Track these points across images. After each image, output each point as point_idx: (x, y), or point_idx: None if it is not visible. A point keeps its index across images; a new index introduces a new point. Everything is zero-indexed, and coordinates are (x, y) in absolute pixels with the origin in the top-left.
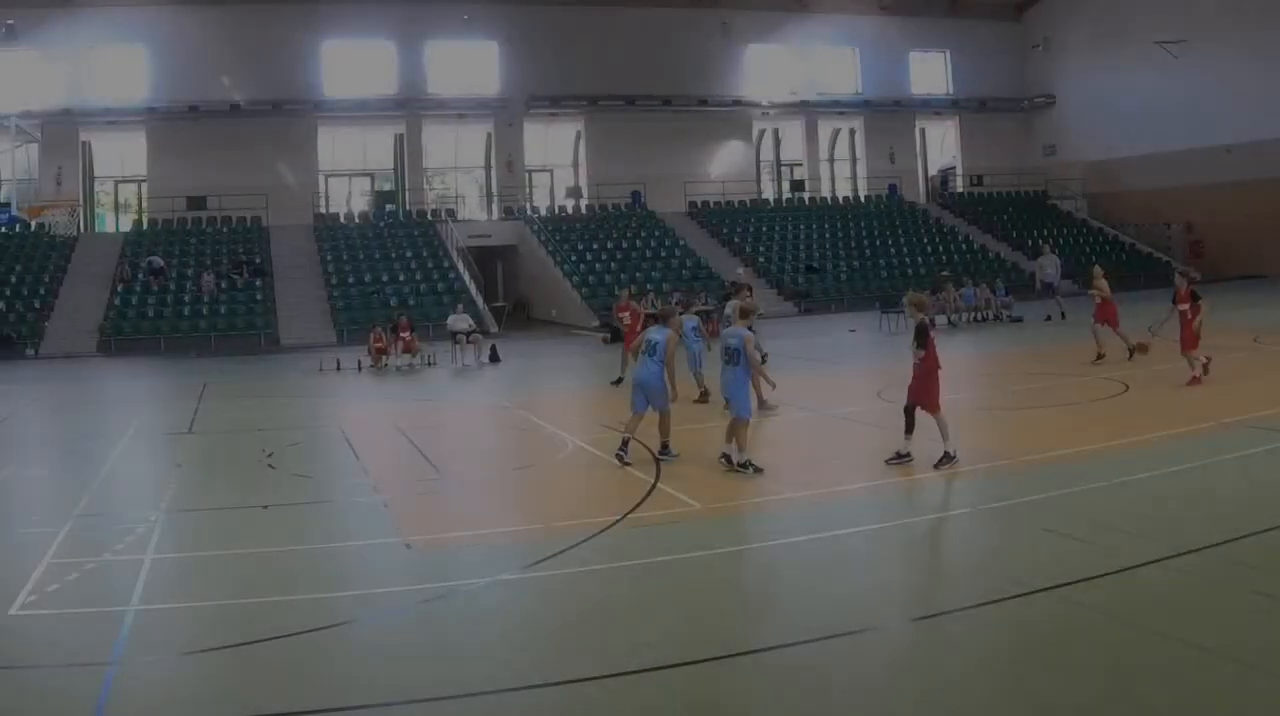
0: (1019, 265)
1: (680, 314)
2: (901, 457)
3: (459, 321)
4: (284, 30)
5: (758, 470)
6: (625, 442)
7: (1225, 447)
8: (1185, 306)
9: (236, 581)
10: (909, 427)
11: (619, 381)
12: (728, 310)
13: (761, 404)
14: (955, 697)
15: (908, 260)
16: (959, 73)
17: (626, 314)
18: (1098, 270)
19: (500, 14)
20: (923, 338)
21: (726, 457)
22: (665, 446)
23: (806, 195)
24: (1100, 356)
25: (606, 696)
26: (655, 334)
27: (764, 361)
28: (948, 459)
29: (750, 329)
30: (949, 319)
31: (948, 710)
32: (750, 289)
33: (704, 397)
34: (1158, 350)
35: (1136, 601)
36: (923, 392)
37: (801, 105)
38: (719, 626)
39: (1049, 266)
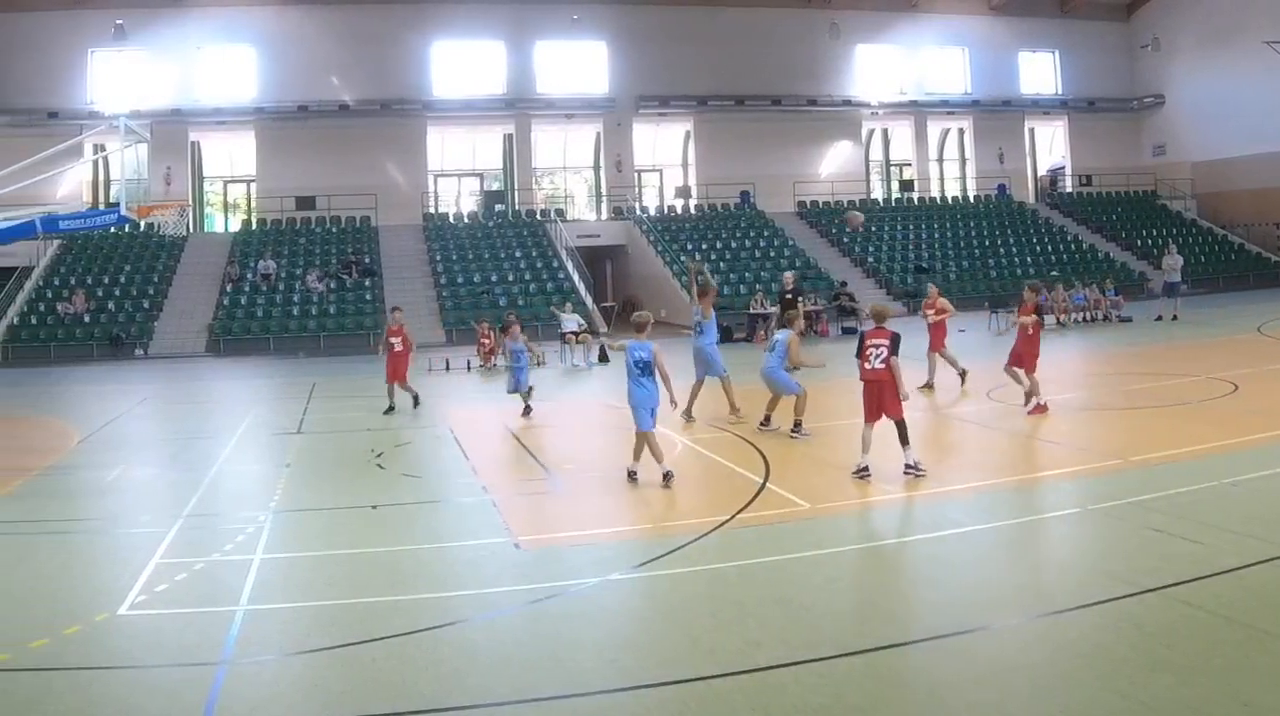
0: (1128, 265)
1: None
2: (917, 471)
3: (568, 322)
4: (393, 30)
5: (665, 476)
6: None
7: None
8: (1028, 319)
9: (345, 581)
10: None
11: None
12: (779, 337)
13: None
14: (1065, 697)
15: (1017, 260)
16: (1068, 72)
17: (398, 340)
18: (934, 289)
19: (609, 14)
20: (895, 346)
21: (631, 474)
22: (798, 423)
23: (916, 195)
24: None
25: (715, 696)
26: (779, 335)
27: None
28: (863, 471)
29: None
30: (1058, 319)
31: (1058, 709)
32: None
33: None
34: (1255, 352)
35: (1246, 601)
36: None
37: (911, 105)
38: (829, 626)
39: (1175, 266)
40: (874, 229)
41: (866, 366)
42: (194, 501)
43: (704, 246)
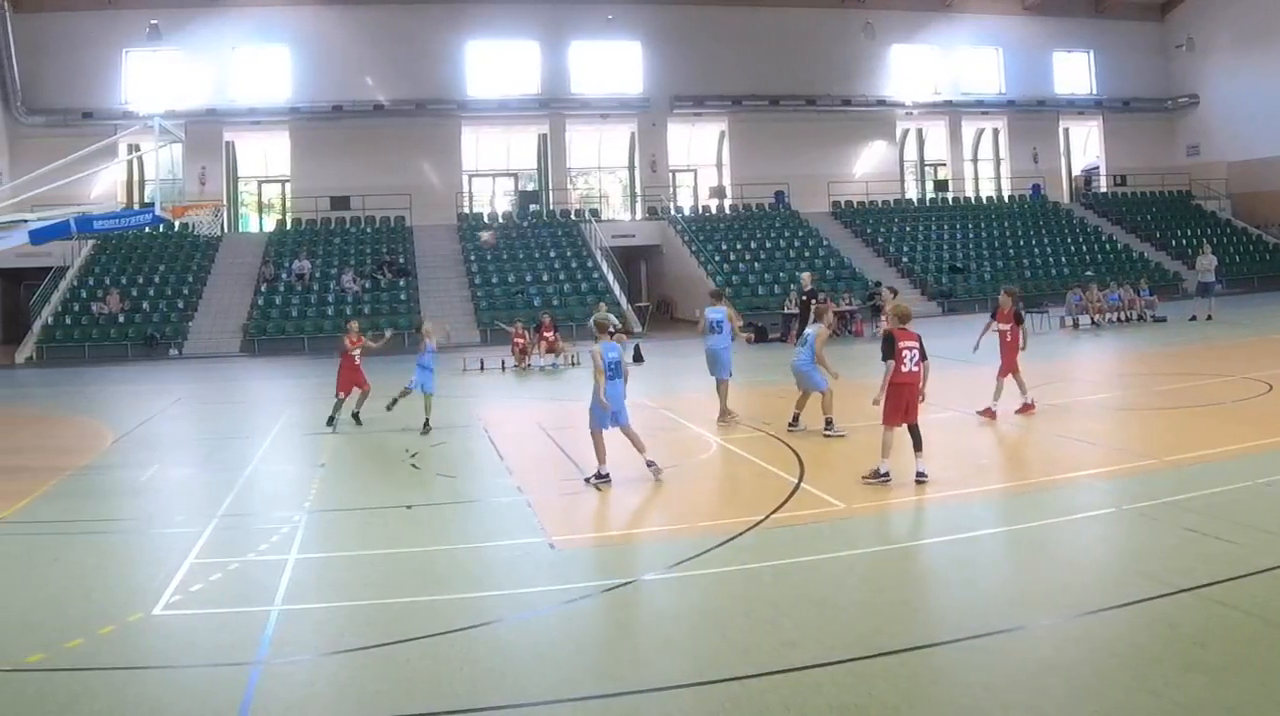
0: (1163, 265)
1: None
2: (921, 477)
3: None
4: (428, 30)
5: (601, 478)
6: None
7: None
8: (1006, 326)
9: (380, 581)
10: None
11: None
12: (809, 331)
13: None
14: (1099, 697)
15: (1051, 260)
16: (1102, 73)
17: (358, 351)
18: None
19: (643, 14)
20: (889, 349)
21: (650, 464)
22: (829, 422)
23: (950, 195)
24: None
25: (749, 696)
26: (808, 330)
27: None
28: (877, 476)
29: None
30: (1092, 319)
31: (1092, 710)
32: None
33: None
34: None
35: None
36: (886, 400)
37: (945, 105)
38: (864, 626)
39: (1209, 266)
40: (908, 229)
41: (904, 368)
42: (229, 501)
43: (738, 246)
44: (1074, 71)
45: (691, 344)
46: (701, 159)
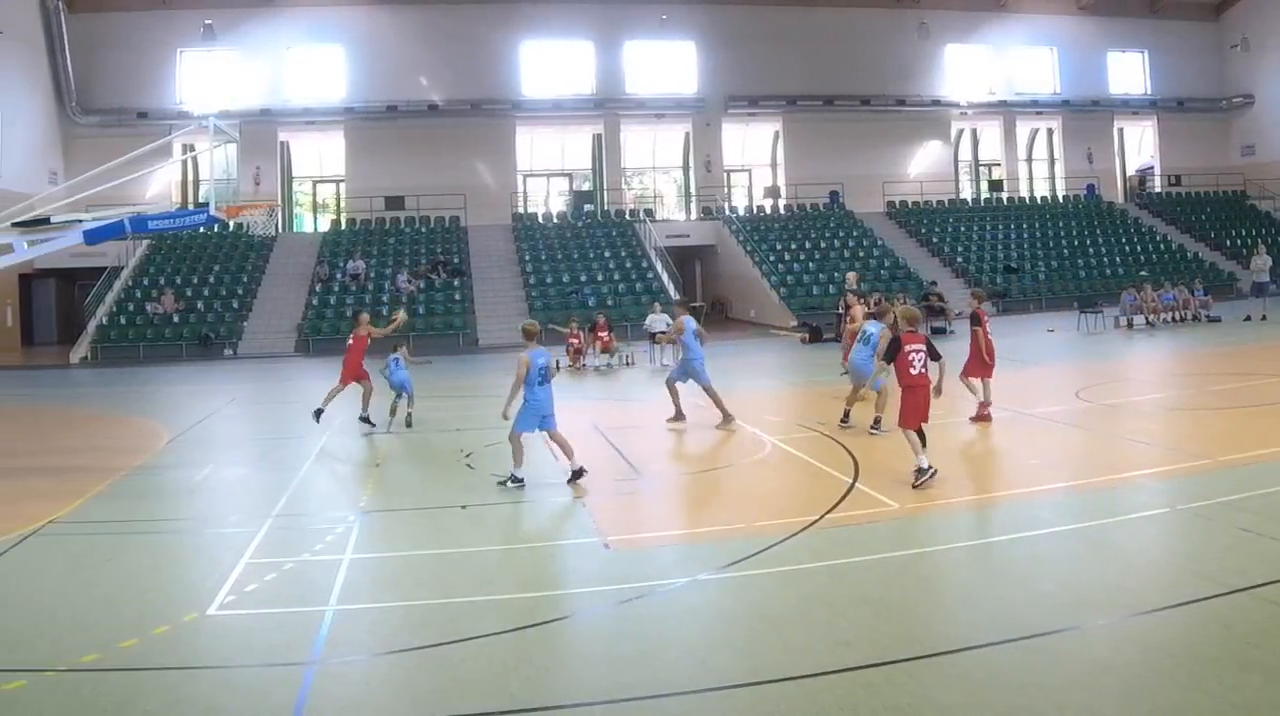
0: (1217, 265)
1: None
2: (925, 473)
3: (657, 322)
4: (482, 30)
5: (516, 481)
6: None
7: None
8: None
9: (434, 582)
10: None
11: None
12: (871, 328)
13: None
14: (1155, 697)
15: (1106, 260)
16: (1157, 72)
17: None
18: (852, 299)
19: (698, 14)
20: (893, 353)
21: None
22: (877, 420)
23: (1005, 195)
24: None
25: (805, 696)
26: (872, 327)
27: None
28: (921, 473)
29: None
30: (1147, 319)
31: (1147, 710)
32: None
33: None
34: None
35: None
36: (901, 406)
37: (1000, 105)
38: (918, 626)
39: (1264, 266)
40: (963, 229)
41: (912, 372)
42: (283, 501)
43: (793, 246)
44: (1128, 71)
45: (747, 344)
46: (756, 159)
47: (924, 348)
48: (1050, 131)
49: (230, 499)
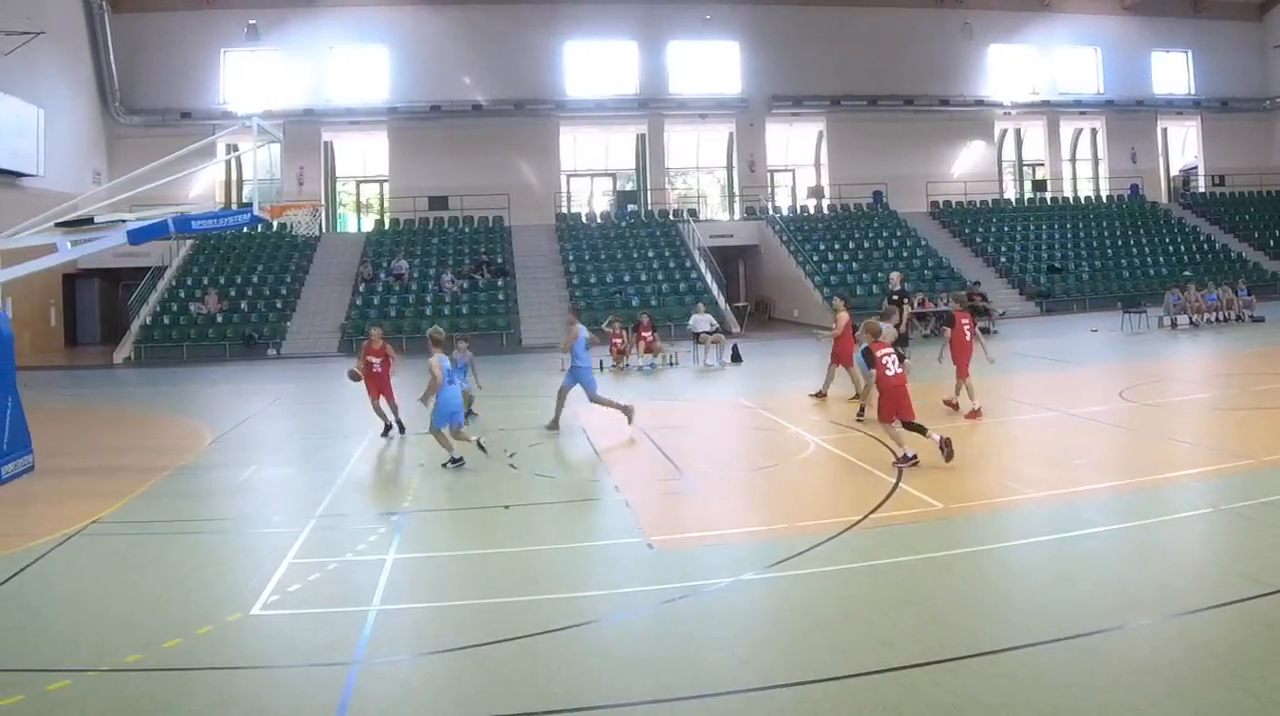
0: (1261, 265)
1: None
2: (908, 460)
3: (700, 321)
4: (525, 30)
5: (455, 462)
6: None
7: None
8: (965, 327)
9: (478, 582)
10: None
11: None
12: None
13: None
14: (1198, 697)
15: (1150, 260)
16: (1201, 72)
17: (379, 360)
18: (839, 302)
19: (741, 14)
20: (869, 361)
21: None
22: (863, 409)
23: (1048, 195)
24: (821, 394)
25: (848, 695)
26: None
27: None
28: (905, 460)
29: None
30: (1190, 319)
31: (1191, 710)
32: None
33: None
34: None
35: None
36: (881, 405)
37: (1043, 105)
38: (961, 626)
39: None
40: (1006, 229)
41: (888, 373)
42: (327, 501)
43: (836, 246)
44: (1172, 71)
45: (790, 344)
46: (799, 159)
47: (892, 351)
48: (1094, 131)
49: (274, 499)
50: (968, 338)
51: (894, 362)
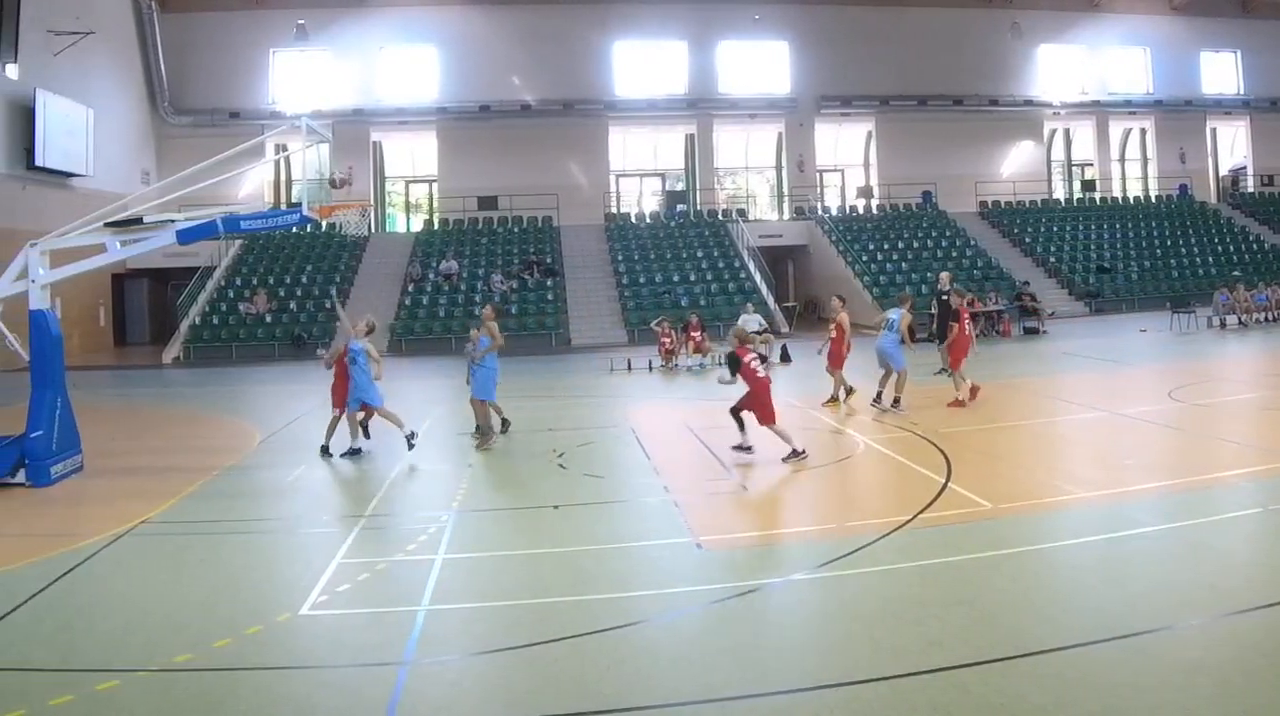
0: None
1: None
2: (744, 449)
3: (750, 321)
4: (575, 30)
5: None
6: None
7: None
8: (967, 323)
9: (527, 582)
10: (739, 427)
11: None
12: (892, 315)
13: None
14: (1247, 697)
15: (1199, 260)
16: (1250, 72)
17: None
18: (837, 303)
19: (790, 14)
20: (734, 366)
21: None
22: (884, 398)
23: (1097, 195)
24: (835, 399)
25: (897, 696)
26: (893, 313)
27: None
28: (795, 455)
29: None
30: (1240, 319)
31: (1242, 709)
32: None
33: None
34: None
35: None
36: (751, 406)
37: (1093, 105)
38: (1010, 626)
39: None
40: (1055, 229)
41: (759, 375)
42: (375, 501)
43: (885, 246)
44: (1221, 71)
45: None
46: (849, 159)
47: (756, 355)
48: (1143, 131)
49: (322, 499)
50: (968, 332)
51: (761, 366)
